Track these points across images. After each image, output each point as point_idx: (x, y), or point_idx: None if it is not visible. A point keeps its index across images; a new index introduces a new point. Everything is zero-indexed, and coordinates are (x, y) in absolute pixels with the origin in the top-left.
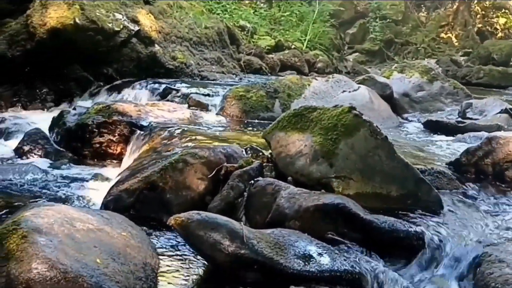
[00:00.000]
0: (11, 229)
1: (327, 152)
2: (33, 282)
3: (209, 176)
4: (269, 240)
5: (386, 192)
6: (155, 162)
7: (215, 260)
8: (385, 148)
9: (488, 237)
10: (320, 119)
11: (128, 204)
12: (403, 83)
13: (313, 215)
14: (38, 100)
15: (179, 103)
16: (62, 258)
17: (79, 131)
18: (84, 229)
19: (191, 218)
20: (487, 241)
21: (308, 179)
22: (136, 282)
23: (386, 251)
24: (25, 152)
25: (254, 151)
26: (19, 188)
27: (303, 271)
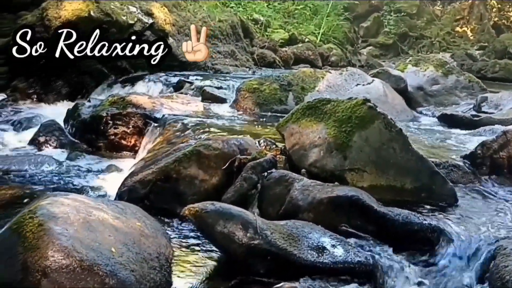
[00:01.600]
0: (27, 217)
1: (341, 144)
2: (49, 270)
3: (223, 168)
4: (282, 231)
5: (400, 184)
6: (169, 153)
7: (228, 250)
8: (400, 141)
9: (503, 230)
10: (334, 111)
11: (142, 195)
12: (417, 77)
13: (326, 207)
14: (53, 93)
15: (193, 96)
16: (77, 247)
17: (94, 123)
18: (99, 219)
19: (205, 208)
20: (502, 234)
21: (322, 171)
22: (150, 271)
23: (400, 244)
24: (40, 143)
25: (267, 144)
26: (34, 179)
27: (316, 262)
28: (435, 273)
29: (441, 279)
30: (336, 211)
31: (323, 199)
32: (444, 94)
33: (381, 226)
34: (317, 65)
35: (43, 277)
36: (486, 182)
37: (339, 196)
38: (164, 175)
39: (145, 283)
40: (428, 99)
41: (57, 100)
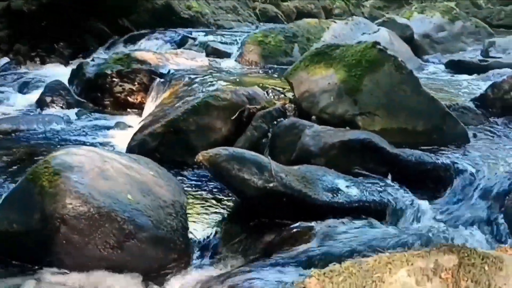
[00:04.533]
0: (43, 167)
1: (351, 89)
2: (68, 217)
3: (232, 118)
4: (296, 174)
5: (411, 127)
6: (177, 107)
7: (244, 194)
8: (411, 83)
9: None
10: (343, 56)
11: (153, 148)
12: (423, 24)
13: (338, 151)
14: (56, 54)
15: (197, 51)
16: (94, 194)
17: (99, 81)
18: (114, 168)
19: (219, 153)
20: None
21: (333, 117)
22: (167, 217)
23: (413, 184)
24: (46, 103)
25: (275, 93)
26: (43, 137)
27: (332, 202)
28: (449, 209)
29: (456, 215)
30: (348, 154)
31: (335, 144)
32: (450, 40)
33: (394, 167)
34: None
35: (62, 224)
36: (497, 123)
37: (351, 139)
38: (173, 128)
39: (162, 228)
40: (435, 46)
41: (60, 61)
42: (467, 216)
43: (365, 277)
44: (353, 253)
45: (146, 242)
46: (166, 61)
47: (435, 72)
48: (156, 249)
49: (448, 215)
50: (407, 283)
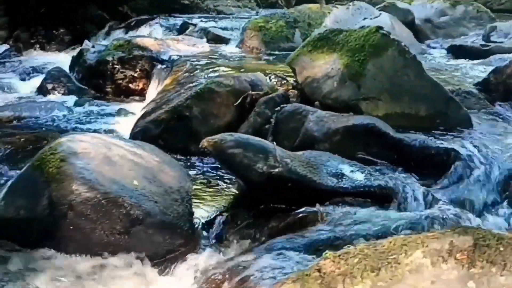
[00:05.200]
0: (49, 154)
1: (354, 74)
2: (75, 203)
3: (235, 104)
4: (301, 160)
5: (415, 112)
6: (180, 93)
7: (249, 179)
8: (414, 67)
9: None
10: (346, 41)
11: (156, 135)
12: (425, 9)
13: (342, 136)
14: (55, 41)
15: (198, 38)
16: (101, 180)
17: (100, 68)
18: (119, 154)
19: (224, 139)
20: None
21: (336, 102)
22: (173, 203)
23: (417, 168)
24: (48, 90)
25: (278, 79)
26: (46, 124)
27: (337, 187)
28: (452, 194)
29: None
30: (352, 140)
31: (339, 129)
32: (452, 25)
33: (398, 152)
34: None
35: (69, 210)
36: (499, 108)
37: (355, 124)
38: (176, 114)
39: (168, 213)
40: (436, 31)
41: (60, 48)
42: (471, 200)
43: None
44: (359, 237)
45: (152, 228)
46: (167, 47)
47: (437, 57)
48: (162, 234)
49: (451, 199)
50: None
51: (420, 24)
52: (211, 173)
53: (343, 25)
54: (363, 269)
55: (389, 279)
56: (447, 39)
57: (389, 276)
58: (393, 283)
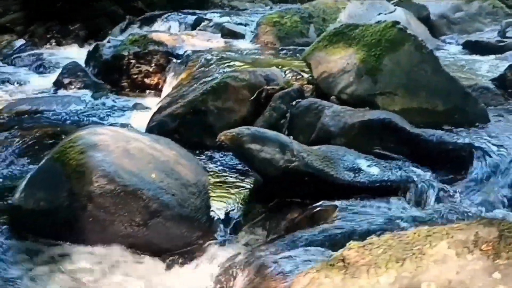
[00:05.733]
0: (69, 146)
1: (371, 68)
2: (95, 195)
3: (251, 99)
4: (318, 154)
5: (432, 107)
6: (195, 88)
7: (266, 173)
8: (431, 62)
9: None
10: (362, 36)
11: (172, 129)
12: (440, 4)
13: (359, 131)
14: (70, 36)
15: (212, 33)
16: (120, 173)
17: (116, 62)
18: (137, 147)
19: (241, 133)
20: None
21: (352, 97)
22: (190, 196)
23: (434, 164)
24: (64, 84)
25: (293, 74)
26: (63, 118)
27: (353, 182)
28: (470, 189)
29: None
30: (368, 134)
31: (355, 124)
32: (467, 21)
33: (414, 147)
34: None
35: (89, 202)
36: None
37: (371, 119)
38: (192, 109)
39: (186, 206)
40: (452, 27)
41: (75, 43)
42: (488, 196)
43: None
44: (376, 231)
45: (170, 220)
46: (182, 42)
47: (453, 52)
48: (180, 227)
49: (468, 195)
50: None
51: (435, 19)
52: (227, 167)
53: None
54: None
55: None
56: (463, 35)
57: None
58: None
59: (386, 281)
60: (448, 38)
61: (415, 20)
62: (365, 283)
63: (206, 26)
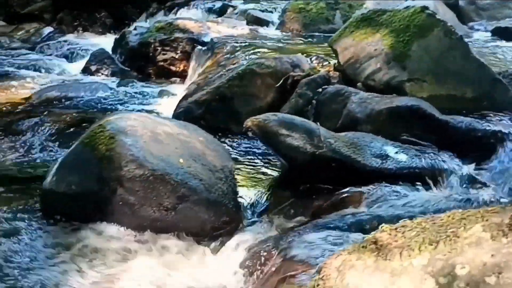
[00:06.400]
0: (98, 131)
1: (399, 54)
2: (124, 179)
3: (277, 86)
4: (345, 140)
5: (460, 93)
6: (221, 75)
7: (292, 159)
8: (460, 48)
9: None
10: (390, 22)
11: (198, 115)
12: None
13: (386, 118)
14: (97, 24)
15: (237, 20)
16: (148, 157)
17: (142, 50)
18: (165, 133)
19: (268, 119)
20: None
21: (379, 84)
22: (217, 181)
23: (462, 151)
24: (92, 71)
25: (319, 60)
26: (91, 104)
27: (381, 168)
28: (499, 176)
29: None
30: (396, 121)
31: (382, 110)
32: (497, 7)
33: (443, 134)
34: None
35: (118, 186)
36: None
37: (399, 106)
38: (218, 95)
39: (213, 191)
40: (480, 13)
41: (102, 31)
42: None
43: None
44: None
45: (198, 205)
46: (208, 29)
47: (482, 39)
48: (208, 212)
49: (498, 181)
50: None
51: (463, 5)
52: (253, 153)
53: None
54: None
55: (448, 252)
56: (492, 21)
57: (448, 249)
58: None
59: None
60: (477, 25)
61: (443, 6)
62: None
63: (231, 13)
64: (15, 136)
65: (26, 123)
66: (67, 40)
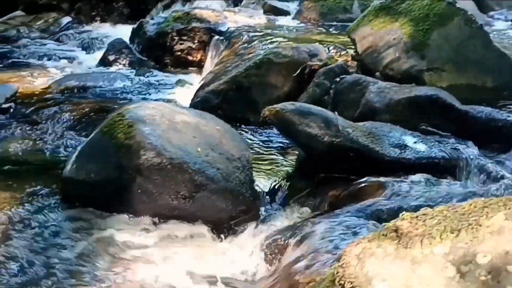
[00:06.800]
0: (117, 120)
1: (418, 43)
2: (143, 168)
3: (294, 75)
4: (363, 130)
5: (481, 83)
6: (238, 64)
7: (310, 148)
8: (481, 37)
9: None
10: (410, 10)
11: (215, 105)
12: None
13: (405, 107)
14: (115, 14)
15: (254, 9)
16: (167, 146)
17: (159, 39)
18: (183, 122)
19: (285, 108)
20: None
21: (398, 73)
22: (234, 170)
23: (482, 141)
24: (110, 61)
25: (337, 50)
26: (110, 94)
27: (399, 158)
28: None
29: None
30: (414, 111)
31: (401, 100)
32: None
33: (462, 124)
34: None
35: (137, 174)
36: None
37: (418, 96)
38: (235, 85)
39: (231, 180)
40: (501, 2)
41: (120, 20)
42: None
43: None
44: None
45: (216, 194)
46: (225, 19)
47: (502, 29)
48: (225, 200)
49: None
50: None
51: None
52: (270, 142)
53: None
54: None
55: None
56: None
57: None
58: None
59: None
60: (497, 14)
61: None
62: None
63: (248, 3)
64: (35, 125)
65: (45, 112)
66: (85, 30)
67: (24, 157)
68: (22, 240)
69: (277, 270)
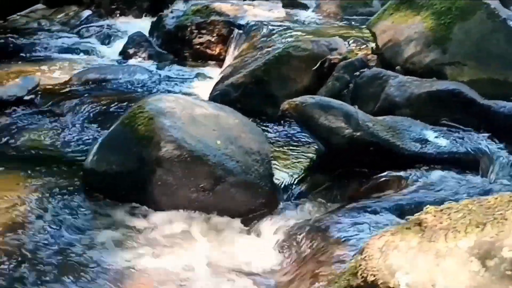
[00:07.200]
0: (138, 112)
1: (440, 37)
2: (163, 160)
3: (313, 69)
4: (383, 124)
5: (503, 78)
6: (257, 58)
7: (330, 142)
8: (504, 31)
9: None
10: (431, 4)
11: (234, 98)
12: None
13: (425, 102)
14: (134, 7)
15: (273, 3)
16: (187, 139)
17: (179, 33)
18: (202, 114)
19: (305, 101)
20: None
21: (418, 67)
22: (254, 163)
23: (504, 136)
24: (130, 55)
25: (357, 43)
26: (129, 86)
27: (420, 152)
28: None
29: None
30: (435, 105)
31: (422, 94)
32: None
33: (484, 119)
34: None
35: (157, 166)
36: None
37: (439, 90)
38: (254, 78)
39: (250, 173)
40: None
41: (139, 14)
42: None
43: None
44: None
45: (235, 186)
46: (244, 12)
47: None
48: (244, 193)
49: None
50: None
51: None
52: (289, 136)
53: None
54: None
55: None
56: None
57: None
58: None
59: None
60: None
61: None
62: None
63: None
64: (57, 117)
65: (67, 104)
66: (105, 23)
67: (45, 148)
68: (44, 229)
69: (297, 263)
